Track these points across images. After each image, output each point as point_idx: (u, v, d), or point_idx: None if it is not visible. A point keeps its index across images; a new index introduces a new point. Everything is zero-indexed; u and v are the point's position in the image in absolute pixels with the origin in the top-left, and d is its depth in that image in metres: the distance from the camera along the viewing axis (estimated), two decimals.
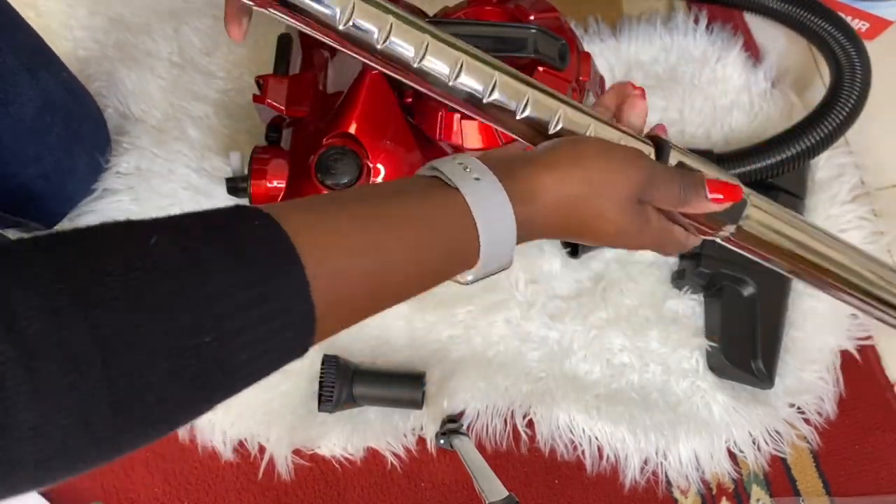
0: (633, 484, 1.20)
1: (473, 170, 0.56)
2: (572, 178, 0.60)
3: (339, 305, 0.48)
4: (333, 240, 0.48)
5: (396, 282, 0.53)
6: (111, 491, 1.17)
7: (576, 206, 0.60)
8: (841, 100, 1.18)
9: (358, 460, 1.19)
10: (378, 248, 0.50)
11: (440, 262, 0.55)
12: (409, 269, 0.53)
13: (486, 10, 0.98)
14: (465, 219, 0.55)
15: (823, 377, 1.23)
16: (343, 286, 0.48)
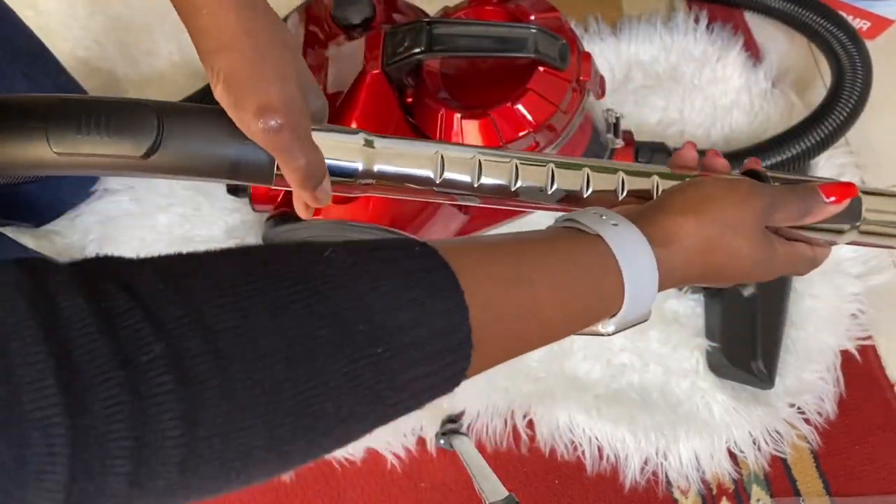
0: (634, 484, 1.20)
1: (610, 217, 0.56)
2: (705, 219, 0.59)
3: (491, 335, 0.47)
4: (486, 269, 0.48)
5: (544, 318, 0.51)
6: None
7: (713, 248, 0.59)
8: (842, 100, 1.18)
9: (358, 460, 1.19)
10: (528, 280, 0.50)
11: (586, 302, 0.54)
12: (556, 306, 0.52)
13: (487, 10, 0.98)
14: (608, 259, 0.54)
15: (823, 377, 1.23)
16: (495, 316, 0.47)
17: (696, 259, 0.59)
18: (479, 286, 0.46)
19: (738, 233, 0.60)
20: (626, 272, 0.54)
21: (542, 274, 0.51)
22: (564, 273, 0.52)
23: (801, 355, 1.23)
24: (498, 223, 1.16)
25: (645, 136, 1.26)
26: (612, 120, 1.10)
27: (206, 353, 0.36)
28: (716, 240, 0.59)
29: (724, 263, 0.61)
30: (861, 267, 1.27)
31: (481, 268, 0.48)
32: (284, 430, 0.38)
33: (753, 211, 0.61)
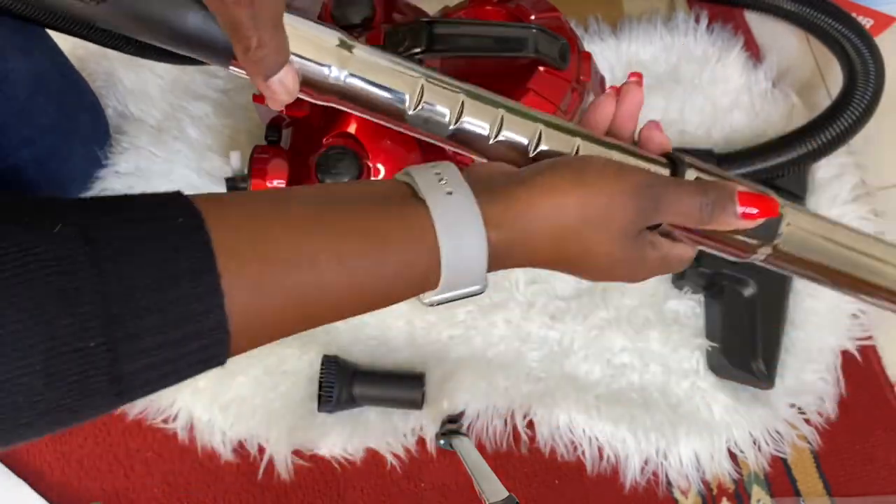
0: (634, 484, 1.20)
1: (449, 182, 0.50)
2: (567, 207, 0.53)
3: (260, 321, 0.45)
4: (260, 249, 0.44)
5: (330, 302, 0.47)
6: (111, 492, 1.17)
7: (567, 238, 0.54)
8: (854, 102, 1.17)
9: (358, 461, 1.19)
10: (311, 262, 0.45)
11: (389, 284, 0.49)
12: (347, 290, 0.47)
13: (487, 10, 0.98)
14: (426, 235, 0.49)
15: (824, 377, 1.23)
16: (266, 301, 0.44)
17: (543, 245, 0.53)
18: (245, 267, 0.43)
19: (600, 229, 0.54)
20: (446, 254, 0.49)
21: (330, 255, 0.46)
22: (362, 255, 0.47)
23: (801, 355, 1.23)
24: None
25: None
26: None
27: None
28: (572, 231, 0.53)
29: (579, 257, 0.55)
30: None
31: (252, 245, 0.44)
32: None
33: (629, 211, 0.54)
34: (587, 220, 0.53)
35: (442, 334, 1.22)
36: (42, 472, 1.16)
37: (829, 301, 1.25)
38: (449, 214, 0.49)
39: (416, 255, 0.49)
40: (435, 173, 0.51)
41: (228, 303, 0.42)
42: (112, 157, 1.19)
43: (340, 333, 1.21)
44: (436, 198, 0.49)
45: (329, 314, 0.48)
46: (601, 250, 0.55)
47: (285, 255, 0.45)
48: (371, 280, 0.48)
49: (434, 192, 0.50)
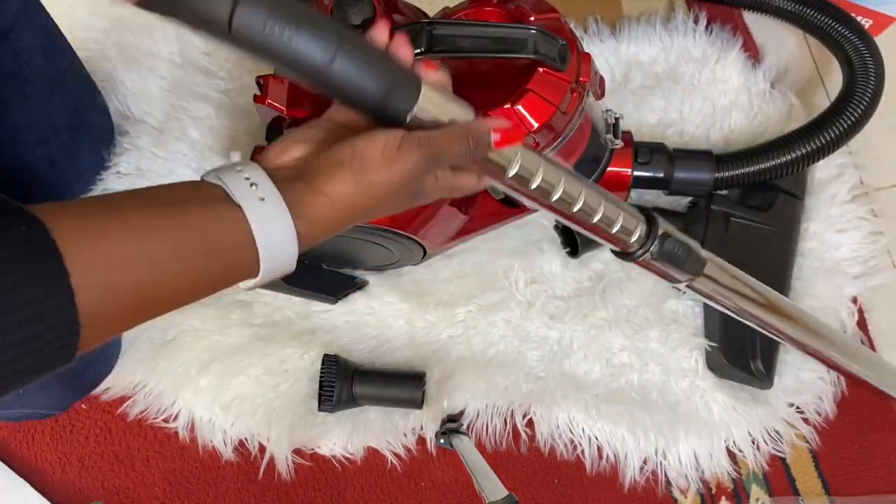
0: (633, 483, 1.20)
1: (259, 187, 0.57)
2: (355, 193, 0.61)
3: (105, 315, 0.48)
4: (103, 250, 0.48)
5: (167, 294, 0.52)
6: (112, 490, 1.17)
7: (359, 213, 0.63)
8: (853, 103, 1.17)
9: (358, 460, 1.19)
10: (149, 261, 0.50)
11: (216, 275, 0.55)
12: (181, 282, 0.53)
13: (487, 11, 0.98)
14: (245, 237, 0.55)
15: (822, 377, 1.24)
16: (110, 297, 0.48)
17: (340, 217, 0.61)
18: (95, 268, 0.47)
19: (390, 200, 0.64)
20: (264, 250, 0.56)
21: (167, 254, 0.51)
22: (193, 252, 0.53)
23: (801, 355, 1.23)
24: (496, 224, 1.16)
25: (644, 137, 1.27)
26: (612, 120, 1.10)
27: None
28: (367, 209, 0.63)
29: (373, 216, 0.65)
30: (860, 267, 1.28)
31: (98, 247, 0.47)
32: None
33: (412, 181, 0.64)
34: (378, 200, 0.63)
35: (442, 334, 1.22)
36: (43, 472, 1.17)
37: (829, 301, 1.25)
38: (263, 220, 0.55)
39: (237, 252, 0.55)
40: (245, 177, 0.57)
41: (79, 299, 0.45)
42: (113, 157, 1.20)
43: (341, 333, 1.22)
44: (250, 205, 0.55)
45: (163, 306, 0.53)
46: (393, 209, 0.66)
47: (126, 255, 0.49)
48: (201, 274, 0.54)
49: (248, 199, 0.56)
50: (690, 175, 1.18)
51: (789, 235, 1.24)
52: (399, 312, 1.22)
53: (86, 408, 1.18)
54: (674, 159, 1.18)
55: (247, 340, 1.19)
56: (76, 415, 1.18)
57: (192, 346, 1.18)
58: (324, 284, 1.20)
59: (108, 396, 1.18)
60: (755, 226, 1.21)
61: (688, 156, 1.19)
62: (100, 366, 1.14)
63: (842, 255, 1.28)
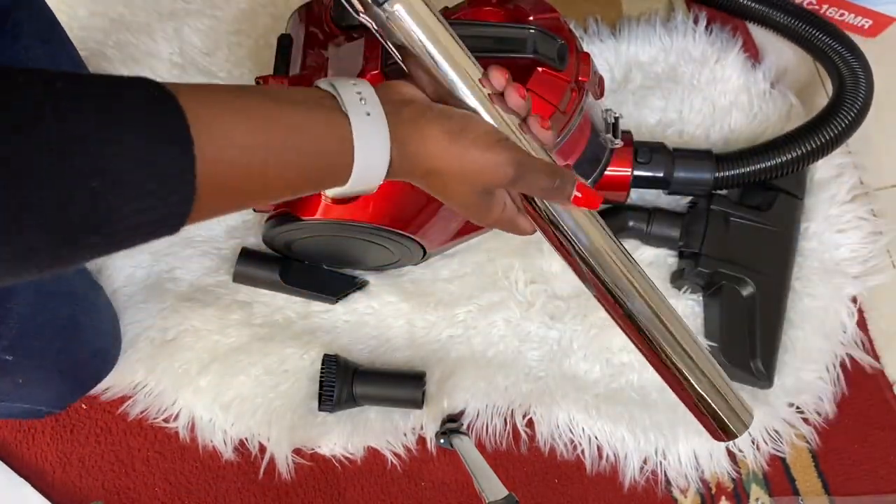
0: (633, 483, 1.20)
1: (368, 103, 0.61)
2: (444, 153, 0.65)
3: (217, 191, 0.51)
4: (225, 127, 0.51)
5: (272, 180, 0.57)
6: (112, 490, 1.17)
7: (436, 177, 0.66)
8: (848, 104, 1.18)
9: (358, 459, 1.19)
10: (262, 147, 0.54)
11: (316, 173, 0.60)
12: (287, 173, 0.57)
13: (486, 11, 0.98)
14: (346, 145, 0.60)
15: (822, 377, 1.24)
16: (225, 172, 0.51)
17: (421, 173, 0.66)
18: (214, 141, 0.50)
19: (464, 182, 0.67)
20: (359, 161, 0.61)
21: (281, 144, 0.56)
22: (301, 149, 0.57)
23: (801, 355, 1.23)
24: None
25: (644, 137, 1.27)
26: (611, 120, 1.10)
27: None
28: (443, 174, 0.66)
29: (440, 191, 0.69)
30: (860, 267, 1.28)
31: (220, 123, 0.51)
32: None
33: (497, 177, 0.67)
34: (455, 174, 0.66)
35: (442, 334, 1.22)
36: (43, 472, 1.17)
37: (829, 301, 1.25)
38: (365, 132, 0.60)
39: (337, 157, 0.60)
40: (357, 91, 0.62)
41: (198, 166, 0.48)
42: None
43: (341, 333, 1.22)
44: (356, 117, 0.60)
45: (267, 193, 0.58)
46: (458, 197, 0.69)
47: (247, 142, 0.53)
48: (305, 169, 0.58)
49: (355, 110, 0.60)
50: (691, 175, 1.18)
51: (789, 235, 1.24)
52: (399, 312, 1.22)
53: (86, 408, 1.18)
54: (674, 159, 1.18)
55: (247, 340, 1.19)
56: (76, 414, 1.18)
57: (193, 346, 1.18)
58: (324, 284, 1.20)
59: (108, 396, 1.18)
60: (755, 226, 1.21)
61: (688, 155, 1.19)
62: (100, 362, 1.14)
63: (842, 255, 1.28)
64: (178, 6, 1.29)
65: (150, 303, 1.19)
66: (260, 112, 0.55)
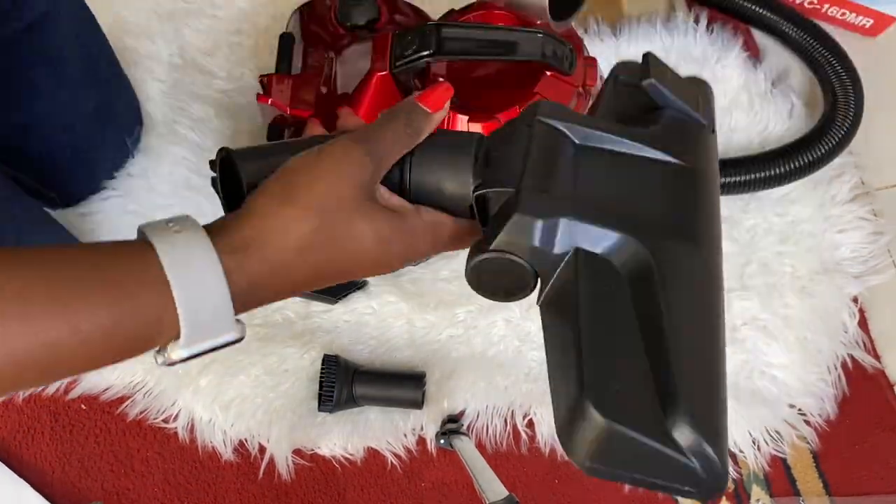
0: None
1: (178, 222, 0.47)
2: (295, 211, 0.50)
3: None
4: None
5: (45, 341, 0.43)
6: (111, 491, 1.17)
7: (315, 245, 0.51)
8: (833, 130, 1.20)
9: (358, 460, 1.19)
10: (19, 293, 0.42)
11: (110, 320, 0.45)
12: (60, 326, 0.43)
13: (495, 14, 0.98)
14: (150, 270, 0.45)
15: (824, 378, 1.24)
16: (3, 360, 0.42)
17: (294, 263, 0.50)
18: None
19: (341, 215, 0.51)
20: (177, 285, 0.45)
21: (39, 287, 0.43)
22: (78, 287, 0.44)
23: (802, 356, 1.23)
24: None
25: None
26: None
27: None
28: (316, 233, 0.50)
29: (340, 259, 0.53)
30: (861, 267, 1.28)
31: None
32: None
33: (352, 179, 0.52)
34: (323, 213, 0.51)
35: (442, 334, 1.22)
36: (43, 472, 1.16)
37: (829, 301, 1.25)
38: (175, 248, 0.46)
39: (141, 290, 0.45)
40: (167, 222, 0.48)
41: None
42: (135, 151, 1.20)
43: (341, 333, 1.21)
44: (161, 237, 0.46)
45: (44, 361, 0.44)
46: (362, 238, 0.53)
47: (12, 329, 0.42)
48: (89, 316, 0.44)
49: (160, 232, 0.47)
50: None
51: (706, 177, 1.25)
52: (399, 312, 1.22)
53: (85, 408, 1.18)
54: None
55: (247, 340, 1.17)
56: (76, 415, 1.17)
57: None
58: None
59: (107, 396, 1.17)
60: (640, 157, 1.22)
61: None
62: None
63: (842, 255, 1.28)
64: (178, 6, 1.29)
65: None
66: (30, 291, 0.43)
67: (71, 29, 0.97)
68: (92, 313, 0.44)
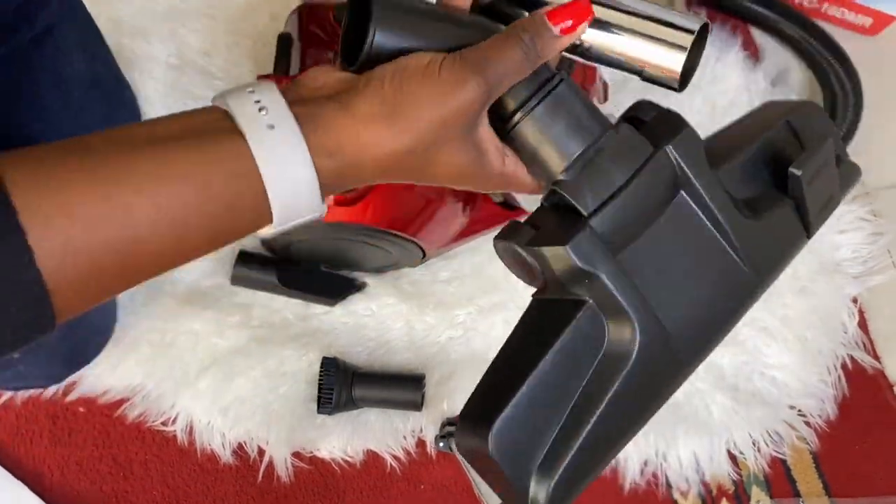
0: (633, 486, 1.20)
1: (270, 112, 0.47)
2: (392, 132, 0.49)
3: (78, 279, 0.42)
4: (65, 204, 0.41)
5: (151, 252, 0.44)
6: (110, 494, 1.16)
7: (402, 161, 0.51)
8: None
9: (357, 462, 1.19)
10: (125, 212, 0.42)
11: (213, 227, 0.46)
12: (168, 239, 0.44)
13: None
14: (251, 177, 0.46)
15: (824, 378, 1.24)
16: (79, 258, 0.41)
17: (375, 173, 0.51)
18: (51, 224, 0.40)
19: (438, 142, 0.51)
20: (273, 190, 0.46)
21: (146, 206, 0.43)
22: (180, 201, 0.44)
23: (802, 356, 1.23)
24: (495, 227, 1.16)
25: None
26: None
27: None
28: (407, 154, 0.50)
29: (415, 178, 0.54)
30: (861, 267, 1.28)
31: (56, 201, 0.41)
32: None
33: (460, 110, 0.50)
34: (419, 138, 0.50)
35: (441, 336, 1.21)
36: (41, 475, 1.16)
37: (829, 301, 1.25)
38: (273, 152, 0.46)
39: (239, 197, 0.46)
40: (254, 101, 0.47)
41: (40, 260, 0.40)
42: None
43: (340, 335, 1.21)
44: (257, 134, 0.46)
45: (152, 266, 0.46)
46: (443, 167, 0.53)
47: (94, 210, 0.42)
48: (193, 226, 0.45)
49: (254, 125, 0.46)
50: None
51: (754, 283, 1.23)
52: (398, 314, 1.22)
53: (84, 411, 1.17)
54: None
55: (245, 343, 1.18)
56: (74, 418, 1.17)
57: (191, 349, 1.17)
58: (322, 286, 1.19)
59: (106, 399, 1.17)
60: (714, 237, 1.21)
61: None
62: (93, 337, 1.11)
63: (842, 255, 1.28)
64: (176, 6, 1.28)
65: (148, 306, 1.18)
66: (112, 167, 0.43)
67: (76, 42, 0.97)
68: (198, 227, 0.45)
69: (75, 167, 0.42)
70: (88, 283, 0.43)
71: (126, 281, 0.46)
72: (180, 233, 0.45)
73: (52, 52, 0.93)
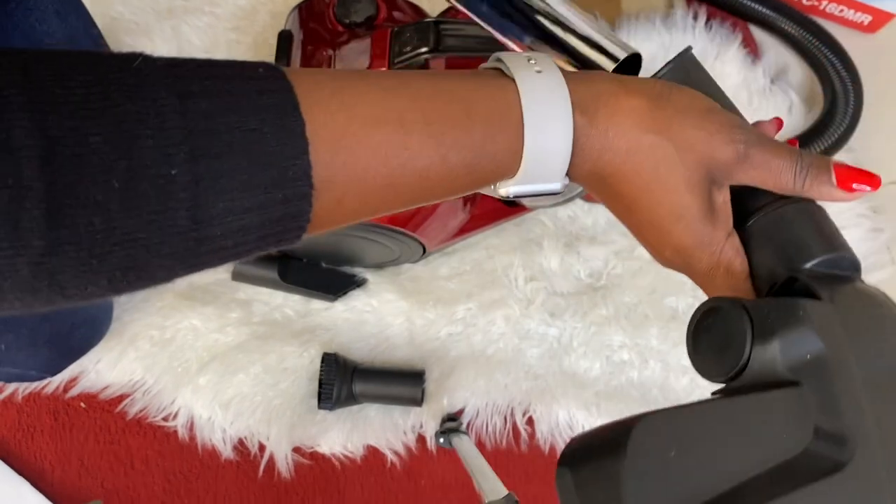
0: None
1: (538, 63, 0.48)
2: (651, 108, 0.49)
3: (345, 179, 0.42)
4: (347, 101, 0.42)
5: (417, 167, 0.44)
6: (111, 489, 1.17)
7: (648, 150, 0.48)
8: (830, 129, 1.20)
9: (358, 458, 1.19)
10: (398, 120, 0.43)
11: (473, 156, 0.46)
12: (433, 156, 0.45)
13: None
14: (512, 111, 0.47)
15: None
16: (350, 157, 0.42)
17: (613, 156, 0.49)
18: (332, 119, 0.41)
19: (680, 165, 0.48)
20: (530, 129, 0.47)
21: (417, 115, 0.44)
22: (448, 118, 0.45)
23: None
24: (496, 222, 1.16)
25: None
26: None
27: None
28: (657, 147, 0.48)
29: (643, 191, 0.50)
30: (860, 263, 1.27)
31: (339, 99, 0.42)
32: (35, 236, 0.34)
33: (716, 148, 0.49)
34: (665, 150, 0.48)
35: (441, 331, 1.22)
36: (43, 470, 1.16)
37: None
38: (536, 91, 0.47)
39: (500, 129, 0.47)
40: (526, 57, 0.49)
41: (313, 152, 0.40)
42: None
43: (341, 331, 1.21)
44: (525, 75, 0.47)
45: (414, 186, 0.45)
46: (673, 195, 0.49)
47: (371, 111, 0.43)
48: (456, 148, 0.46)
49: (523, 70, 0.48)
50: None
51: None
52: (398, 310, 1.22)
53: (85, 406, 1.18)
54: None
55: (246, 339, 1.19)
56: (75, 413, 1.17)
57: (192, 345, 1.18)
58: (323, 282, 1.19)
59: (106, 395, 1.17)
60: None
61: None
62: (88, 330, 1.12)
63: None
64: (177, 4, 1.28)
65: (149, 301, 1.19)
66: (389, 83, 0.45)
67: (52, 6, 0.96)
68: (460, 147, 0.46)
69: (354, 77, 0.44)
70: (350, 190, 0.43)
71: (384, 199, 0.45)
72: (443, 152, 0.45)
73: (21, 10, 0.93)
